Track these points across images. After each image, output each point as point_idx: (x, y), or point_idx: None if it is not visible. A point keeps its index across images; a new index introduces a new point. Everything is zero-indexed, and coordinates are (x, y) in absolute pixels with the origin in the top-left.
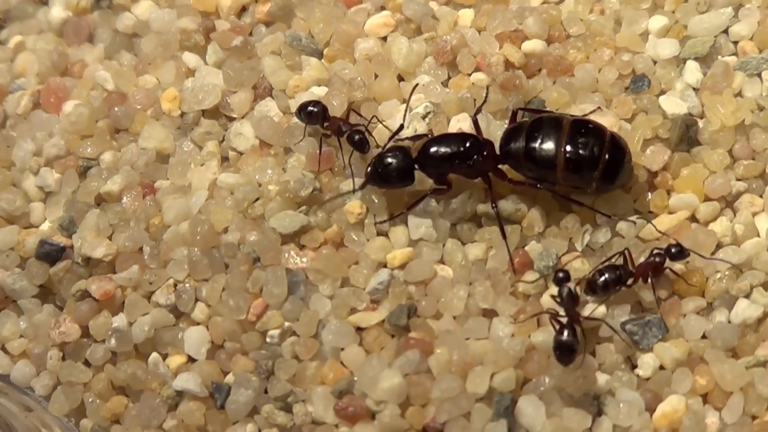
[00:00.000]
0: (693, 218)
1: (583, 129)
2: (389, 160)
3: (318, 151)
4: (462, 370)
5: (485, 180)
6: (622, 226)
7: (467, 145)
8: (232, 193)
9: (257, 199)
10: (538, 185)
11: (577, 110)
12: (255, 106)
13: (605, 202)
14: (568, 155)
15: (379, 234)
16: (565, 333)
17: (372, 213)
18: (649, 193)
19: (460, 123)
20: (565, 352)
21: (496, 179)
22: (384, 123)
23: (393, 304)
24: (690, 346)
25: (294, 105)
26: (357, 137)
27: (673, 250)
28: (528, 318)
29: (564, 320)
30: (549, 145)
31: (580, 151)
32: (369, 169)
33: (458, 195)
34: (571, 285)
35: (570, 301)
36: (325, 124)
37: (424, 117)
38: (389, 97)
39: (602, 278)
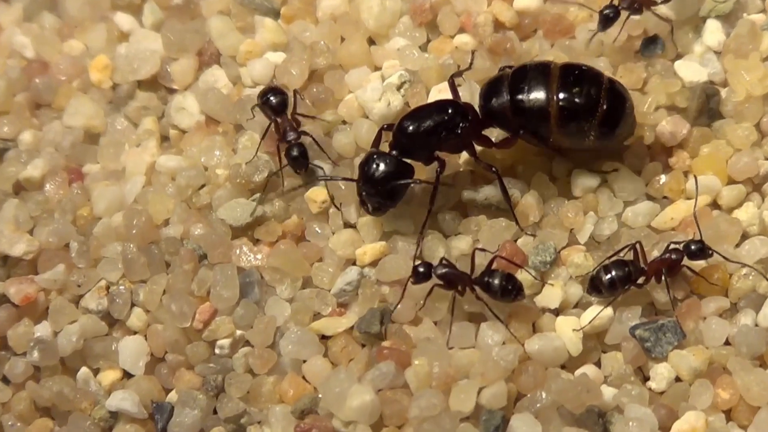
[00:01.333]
0: (714, 204)
1: (576, 72)
2: (377, 176)
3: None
4: (444, 384)
5: (470, 152)
6: (629, 214)
7: (450, 112)
8: (174, 178)
9: (203, 186)
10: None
11: None
12: (200, 75)
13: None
14: (561, 103)
15: (346, 226)
16: (496, 280)
17: (338, 201)
18: (663, 176)
19: (442, 94)
20: (513, 289)
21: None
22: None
23: (363, 308)
24: (710, 354)
25: (246, 74)
26: (294, 153)
27: (692, 247)
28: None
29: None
30: (538, 94)
31: (576, 99)
32: (365, 201)
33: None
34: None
35: (455, 277)
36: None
37: (399, 87)
38: (358, 63)
39: (608, 276)
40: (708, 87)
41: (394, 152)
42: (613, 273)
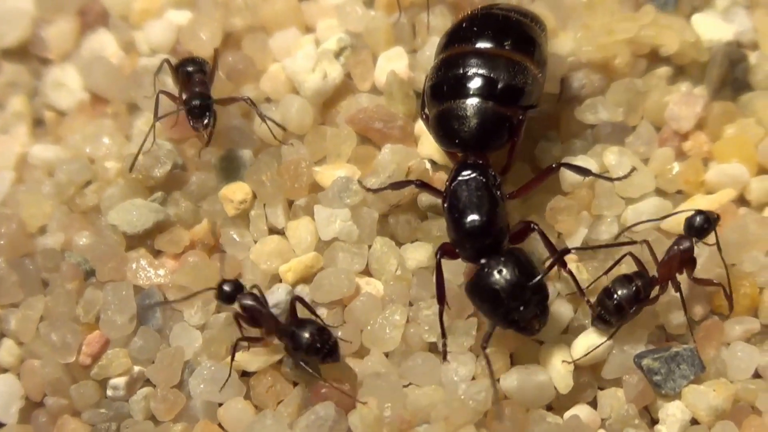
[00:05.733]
0: (741, 200)
1: (480, 19)
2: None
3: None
4: (399, 430)
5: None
6: (629, 214)
7: (479, 173)
8: (52, 174)
9: (89, 183)
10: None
11: (568, 40)
12: (82, 42)
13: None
14: (511, 47)
15: (272, 232)
16: (306, 334)
17: (261, 201)
18: (677, 164)
19: (392, 63)
20: (324, 348)
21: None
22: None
23: None
24: (736, 390)
25: (141, 39)
26: (195, 101)
27: (697, 220)
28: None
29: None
30: (502, 66)
31: (522, 30)
32: (532, 320)
33: (388, 166)
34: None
35: (260, 316)
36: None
37: (338, 54)
38: (285, 24)
39: (613, 300)
40: (732, 50)
41: (484, 262)
42: (619, 293)
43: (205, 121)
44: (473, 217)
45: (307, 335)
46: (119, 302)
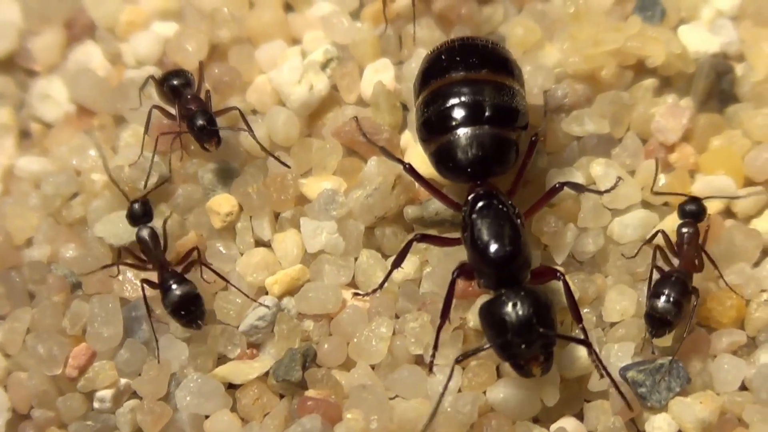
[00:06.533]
0: (728, 212)
1: (461, 50)
2: (530, 319)
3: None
4: None
5: None
6: (615, 227)
7: (498, 199)
8: (38, 186)
9: (75, 195)
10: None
11: (555, 51)
12: (69, 54)
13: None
14: (486, 71)
15: (258, 244)
16: (177, 292)
17: (247, 214)
18: (663, 176)
19: (379, 74)
20: (189, 314)
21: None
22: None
23: (281, 349)
24: (722, 402)
25: (127, 51)
26: (200, 121)
27: (688, 207)
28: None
29: None
30: (489, 89)
31: (497, 55)
32: (534, 358)
33: (374, 178)
34: None
35: (149, 255)
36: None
37: (324, 66)
38: (272, 35)
39: (669, 299)
40: (719, 62)
41: (504, 291)
42: (666, 293)
43: (216, 139)
44: (498, 247)
45: (178, 294)
46: (106, 315)
